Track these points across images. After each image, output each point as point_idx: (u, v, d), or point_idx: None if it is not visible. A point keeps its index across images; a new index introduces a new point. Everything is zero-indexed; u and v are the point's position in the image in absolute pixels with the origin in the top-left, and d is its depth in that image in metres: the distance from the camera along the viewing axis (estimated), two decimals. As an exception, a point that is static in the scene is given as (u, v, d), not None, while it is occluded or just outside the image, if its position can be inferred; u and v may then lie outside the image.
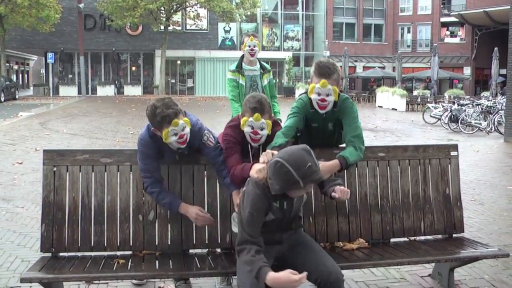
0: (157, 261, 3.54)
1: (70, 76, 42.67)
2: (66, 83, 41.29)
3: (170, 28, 38.64)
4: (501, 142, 14.49)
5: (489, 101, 21.55)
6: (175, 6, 38.04)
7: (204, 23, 42.25)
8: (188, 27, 42.13)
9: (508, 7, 15.30)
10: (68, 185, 3.67)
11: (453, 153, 4.25)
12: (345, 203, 3.96)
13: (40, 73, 56.48)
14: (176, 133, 3.39)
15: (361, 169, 4.04)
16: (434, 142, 14.33)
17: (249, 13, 41.21)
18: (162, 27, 38.38)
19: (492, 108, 18.72)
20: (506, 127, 14.84)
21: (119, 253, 3.68)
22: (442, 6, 47.81)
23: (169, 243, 3.71)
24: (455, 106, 18.93)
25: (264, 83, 5.53)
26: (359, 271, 4.33)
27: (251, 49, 5.42)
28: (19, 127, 15.90)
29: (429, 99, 28.90)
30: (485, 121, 17.42)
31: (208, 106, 26.86)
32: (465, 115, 17.62)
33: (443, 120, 18.99)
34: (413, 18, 48.59)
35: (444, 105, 20.99)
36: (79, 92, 39.50)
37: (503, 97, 19.79)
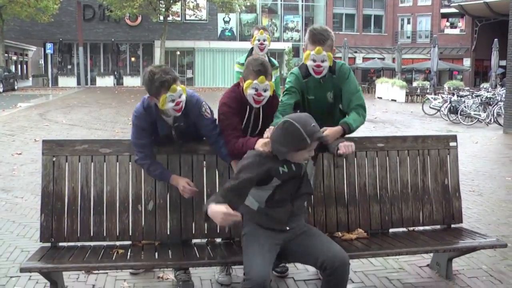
0: (156, 251, 3.55)
1: (69, 66, 42.56)
2: (65, 74, 41.17)
3: (169, 18, 38.47)
4: (500, 133, 14.50)
5: (488, 92, 21.53)
6: (174, -4, 37.91)
7: (203, 14, 42.07)
8: (187, 17, 41.95)
9: (508, -2, 15.28)
10: (67, 175, 3.68)
11: (452, 144, 4.25)
12: (344, 193, 3.97)
13: (39, 63, 56.31)
14: (173, 100, 3.36)
15: (360, 160, 4.04)
16: (433, 133, 14.33)
17: (248, 4, 41.05)
18: (161, 18, 38.20)
19: (491, 99, 18.70)
20: (505, 118, 14.83)
21: (118, 243, 3.69)
22: (442, -4, 47.67)
23: (168, 233, 3.72)
24: (455, 97, 18.91)
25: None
26: (357, 261, 4.34)
27: (261, 43, 5.07)
28: (18, 118, 15.88)
29: (428, 90, 28.85)
30: (485, 112, 17.42)
31: (207, 96, 26.78)
32: (465, 107, 17.61)
33: (442, 111, 18.98)
34: (413, 9, 48.42)
35: (443, 96, 20.95)
36: (78, 83, 39.43)
37: (503, 89, 19.76)
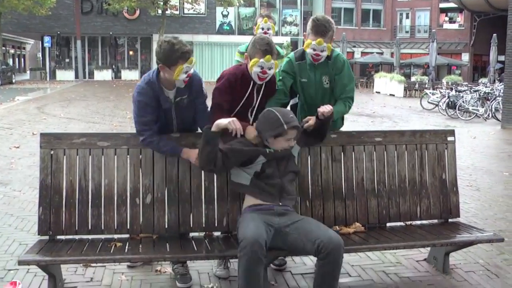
0: (154, 244, 3.56)
1: (67, 60, 42.43)
2: (63, 67, 41.03)
3: (167, 12, 38.32)
4: (498, 128, 14.51)
5: (487, 87, 21.54)
6: (172, -11, 37.76)
7: (202, 7, 41.92)
8: (185, 11, 41.78)
9: (507, -7, 15.25)
10: (65, 168, 3.67)
11: (450, 139, 4.26)
12: (341, 187, 3.98)
13: (36, 57, 56.14)
14: (186, 71, 3.43)
15: (358, 154, 4.05)
16: (431, 128, 14.34)
17: (247, -3, 40.95)
18: (159, 11, 38.06)
19: (489, 94, 18.72)
20: (503, 113, 14.85)
21: (116, 236, 3.70)
22: (441, -9, 47.57)
23: (166, 226, 3.73)
24: (453, 92, 18.94)
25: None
26: (355, 255, 4.35)
27: (264, 32, 4.85)
28: (16, 111, 15.84)
29: (427, 85, 28.88)
30: (483, 107, 17.45)
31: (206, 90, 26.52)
32: (463, 102, 17.63)
33: (440, 106, 19.01)
34: (412, 3, 48.34)
35: (442, 91, 20.96)
36: (76, 76, 39.33)
37: (501, 84, 19.76)
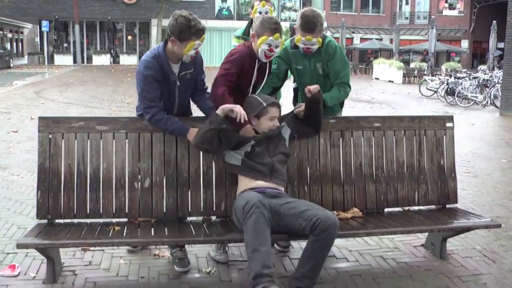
0: (152, 228, 3.57)
1: (65, 45, 42.16)
2: (61, 52, 40.80)
3: (166, -3, 38.07)
4: (497, 115, 14.52)
5: (486, 74, 21.48)
6: (171, -26, 37.43)
7: (200, -8, 41.66)
8: (184, -4, 41.53)
9: (508, -21, 15.15)
10: (63, 152, 3.67)
11: (448, 125, 4.26)
12: (340, 172, 3.98)
13: (34, 41, 55.79)
14: (196, 48, 3.47)
15: (357, 139, 4.05)
16: (430, 114, 14.32)
17: (246, -18, 40.64)
18: (158, -4, 37.81)
19: (488, 81, 18.66)
20: (502, 100, 14.84)
21: (114, 220, 3.71)
22: (441, -23, 47.26)
23: (165, 210, 3.73)
24: (452, 79, 18.87)
25: None
26: (353, 240, 4.37)
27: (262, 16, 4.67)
28: (14, 96, 15.79)
29: (426, 72, 28.79)
30: (481, 94, 17.41)
31: (204, 76, 26.51)
32: (462, 88, 17.59)
33: (439, 93, 18.97)
34: (411, -11, 48.04)
35: (440, 78, 20.89)
36: (75, 61, 39.12)
37: (500, 71, 19.72)
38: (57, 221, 3.67)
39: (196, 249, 4.06)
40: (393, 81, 29.74)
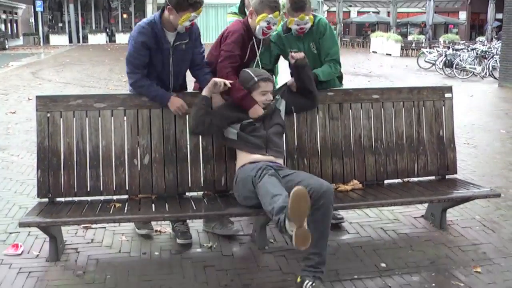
0: (153, 205, 3.58)
1: (60, 24, 41.84)
2: (56, 32, 40.51)
3: (161, -27, 37.67)
4: (495, 86, 14.48)
5: (484, 46, 21.37)
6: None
7: (196, -32, 41.16)
8: (179, -28, 41.02)
9: None
10: (62, 130, 3.66)
11: (447, 95, 4.25)
12: (339, 145, 3.99)
13: (29, 22, 55.13)
14: (192, 20, 3.49)
15: (355, 111, 4.04)
16: (428, 87, 14.29)
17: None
18: (153, -28, 37.42)
19: (487, 53, 18.56)
20: (500, 71, 14.80)
21: (115, 197, 3.72)
22: None
23: (165, 186, 3.74)
24: (450, 51, 18.76)
25: None
26: (353, 213, 4.40)
27: None
28: (10, 77, 15.71)
29: (423, 44, 28.61)
30: (480, 66, 17.32)
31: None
32: (460, 60, 17.50)
33: (437, 65, 18.87)
34: (409, -39, 47.49)
35: (438, 50, 20.79)
36: (70, 40, 38.87)
37: (498, 42, 19.61)
38: (58, 199, 3.67)
39: (197, 224, 4.08)
40: (391, 54, 29.59)
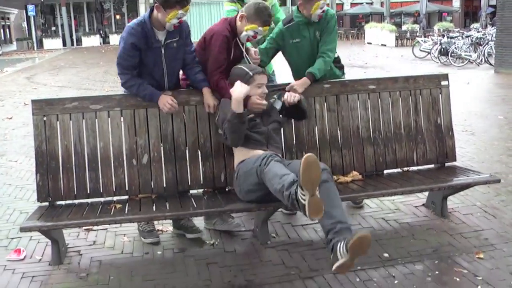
0: (154, 204, 3.57)
1: (53, 28, 41.70)
2: (49, 36, 40.37)
3: (152, -28, 37.54)
4: (492, 73, 14.48)
5: (479, 32, 21.35)
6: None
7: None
8: (171, -30, 40.90)
9: None
10: (59, 133, 3.65)
11: (443, 83, 4.24)
12: (337, 136, 3.98)
13: (22, 27, 55.10)
14: (179, 17, 3.48)
15: (352, 102, 4.04)
16: (424, 76, 14.28)
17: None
18: (144, -28, 37.33)
19: (482, 39, 18.56)
20: (496, 57, 14.80)
21: (115, 198, 3.71)
22: None
23: (165, 185, 3.74)
24: (445, 39, 18.74)
25: None
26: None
27: None
28: (5, 83, 15.68)
29: (418, 33, 28.62)
30: (475, 52, 17.32)
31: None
32: (455, 48, 17.49)
33: (433, 53, 18.86)
34: (400, -50, 47.40)
35: (433, 38, 20.75)
36: (64, 44, 38.76)
37: (493, 28, 19.61)
38: (58, 203, 3.67)
39: (197, 222, 4.07)
40: (386, 45, 29.57)
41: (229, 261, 3.51)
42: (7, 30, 53.38)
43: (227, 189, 3.83)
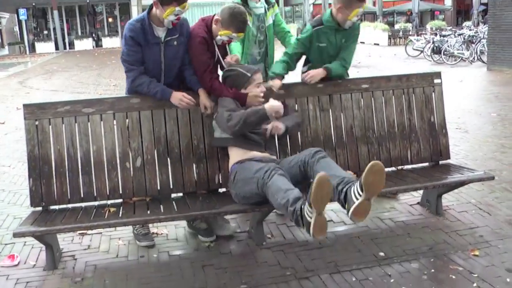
0: (148, 207, 3.56)
1: (45, 32, 41.55)
2: (42, 40, 40.19)
3: (144, -25, 37.50)
4: (484, 70, 14.53)
5: (471, 30, 21.43)
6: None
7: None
8: (163, -27, 40.84)
9: None
10: (52, 138, 3.63)
11: (436, 81, 4.25)
12: (331, 136, 3.98)
13: (13, 31, 54.89)
14: (176, 14, 3.48)
15: (346, 102, 4.04)
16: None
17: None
18: (136, -25, 37.22)
19: (474, 37, 18.61)
20: (488, 55, 14.84)
21: (109, 201, 3.69)
22: None
23: (159, 188, 3.72)
24: (437, 37, 18.78)
25: (268, 22, 4.32)
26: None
27: None
28: (-2, 87, 15.62)
29: (411, 32, 28.68)
30: (468, 50, 17.37)
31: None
32: (448, 46, 17.54)
33: (425, 52, 18.91)
34: (392, -52, 47.48)
35: (426, 37, 20.80)
36: (56, 47, 38.61)
37: (485, 26, 19.67)
38: (52, 207, 3.64)
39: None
40: (378, 44, 29.62)
41: (224, 262, 3.50)
42: (-1, 34, 53.16)
43: (221, 191, 3.81)
